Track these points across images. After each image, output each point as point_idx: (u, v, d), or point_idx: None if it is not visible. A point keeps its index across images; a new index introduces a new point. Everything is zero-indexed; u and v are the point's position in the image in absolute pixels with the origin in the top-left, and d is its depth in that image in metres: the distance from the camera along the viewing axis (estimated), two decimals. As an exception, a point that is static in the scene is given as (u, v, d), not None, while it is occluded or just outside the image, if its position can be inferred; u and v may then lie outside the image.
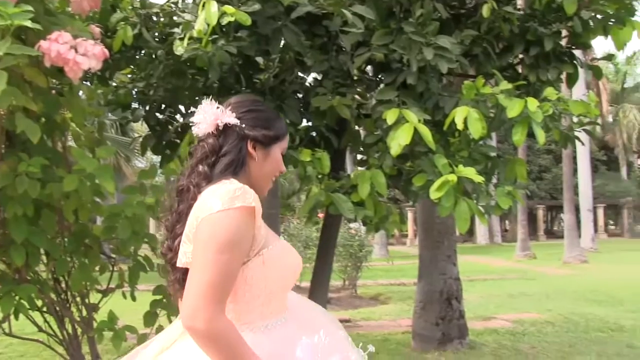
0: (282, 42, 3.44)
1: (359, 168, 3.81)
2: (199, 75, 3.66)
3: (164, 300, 3.59)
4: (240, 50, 3.11)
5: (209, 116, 1.59)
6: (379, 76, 3.66)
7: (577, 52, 4.17)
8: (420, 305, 6.62)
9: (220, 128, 1.58)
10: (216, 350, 1.41)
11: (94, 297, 3.60)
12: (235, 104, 1.63)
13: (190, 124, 1.66)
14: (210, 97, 1.64)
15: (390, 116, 2.88)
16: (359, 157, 4.05)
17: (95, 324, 3.47)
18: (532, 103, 3.01)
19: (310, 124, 3.88)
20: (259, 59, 3.92)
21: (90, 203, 3.13)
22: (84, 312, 3.50)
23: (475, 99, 3.09)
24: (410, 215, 25.09)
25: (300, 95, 3.96)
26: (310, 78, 4.20)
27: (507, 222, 38.57)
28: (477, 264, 18.11)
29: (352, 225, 11.54)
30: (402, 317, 8.40)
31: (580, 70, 4.13)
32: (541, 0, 3.73)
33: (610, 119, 40.59)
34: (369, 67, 3.94)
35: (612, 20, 3.80)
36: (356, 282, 11.90)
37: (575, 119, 3.71)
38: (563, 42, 3.88)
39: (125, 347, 3.83)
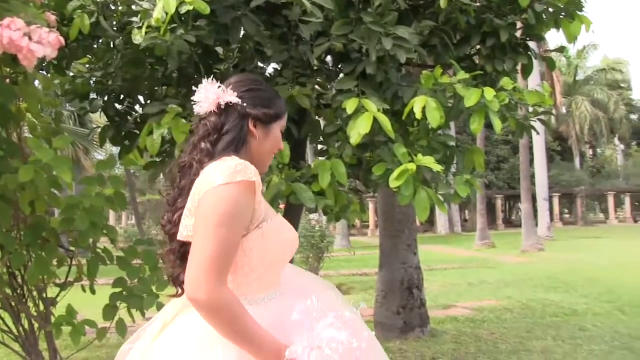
0: (242, 31, 3.42)
1: (320, 158, 3.83)
2: (157, 64, 3.61)
3: (124, 293, 3.56)
4: (199, 40, 3.08)
5: (210, 95, 1.64)
6: (339, 66, 3.67)
7: (532, 45, 4.28)
8: (382, 294, 6.71)
9: (222, 107, 1.63)
10: (219, 321, 1.45)
11: (51, 291, 3.53)
12: (235, 83, 1.68)
13: (150, 114, 1.68)
14: (166, 87, 1.66)
15: (350, 105, 2.90)
16: (319, 147, 4.06)
17: (53, 319, 3.42)
18: (489, 92, 3.07)
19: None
20: (219, 49, 3.89)
21: (47, 194, 3.07)
22: (41, 307, 3.44)
23: (434, 88, 3.13)
24: (371, 205, 25.32)
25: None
26: (270, 69, 4.19)
27: (466, 211, 39.30)
28: (437, 253, 18.43)
29: (312, 216, 11.58)
30: (364, 307, 8.45)
31: (535, 62, 4.24)
32: (497, -9, 3.82)
33: (563, 110, 41.71)
34: (328, 57, 3.96)
35: (563, 13, 3.92)
36: (318, 272, 11.95)
37: (530, 109, 3.81)
38: (518, 34, 3.97)
39: (84, 342, 3.79)
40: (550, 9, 3.85)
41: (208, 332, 1.49)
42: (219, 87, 1.65)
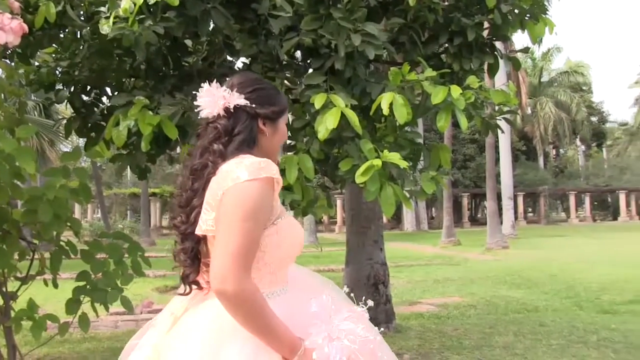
0: (212, 25, 3.40)
1: (289, 153, 3.84)
2: (126, 56, 3.58)
3: (88, 286, 3.51)
4: (167, 32, 3.06)
5: (216, 99, 1.66)
6: (308, 61, 3.69)
7: (499, 46, 4.37)
8: (348, 290, 6.64)
9: (231, 110, 1.66)
10: (244, 312, 1.49)
11: (12, 285, 3.46)
12: (239, 85, 1.69)
13: (117, 106, 1.67)
14: (134, 79, 1.65)
15: (318, 101, 2.92)
16: (287, 142, 4.07)
17: (12, 314, 3.35)
18: (455, 90, 3.12)
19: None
20: (188, 42, 3.87)
21: (9, 186, 3.01)
22: (1, 301, 3.37)
23: (401, 85, 3.17)
24: (339, 202, 25.39)
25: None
26: (239, 63, 4.18)
27: (433, 209, 39.76)
28: (404, 250, 18.60)
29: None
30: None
31: (502, 63, 4.32)
32: (464, -8, 3.88)
33: (529, 111, 42.48)
34: (298, 53, 3.97)
35: (528, 15, 4.02)
36: (286, 269, 11.97)
37: (496, 108, 3.88)
38: (485, 34, 4.05)
39: (46, 337, 3.72)
40: (516, 11, 3.94)
41: (225, 325, 1.53)
42: (225, 90, 1.67)
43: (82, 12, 3.46)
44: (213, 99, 1.67)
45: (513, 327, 6.56)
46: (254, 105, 1.68)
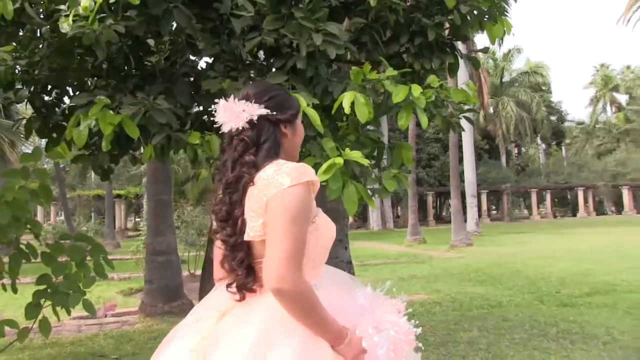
0: (174, 24, 3.39)
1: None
2: (87, 55, 3.53)
3: (49, 290, 3.46)
4: (129, 31, 3.04)
5: (237, 113, 1.74)
6: (270, 61, 3.70)
7: (461, 46, 4.45)
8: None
9: (255, 121, 1.74)
10: (300, 308, 1.60)
11: (-31, 290, 3.40)
12: (255, 95, 1.76)
13: (78, 105, 1.65)
14: (96, 79, 1.64)
15: (281, 100, 2.92)
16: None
17: (-30, 319, 3.28)
18: (416, 89, 3.17)
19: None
20: (151, 41, 3.84)
21: (-36, 187, 2.94)
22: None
23: (363, 84, 3.21)
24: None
25: (192, 79, 3.92)
26: (203, 63, 4.16)
27: (399, 208, 40.14)
28: (370, 249, 18.73)
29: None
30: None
31: (465, 63, 4.41)
32: (425, -7, 3.95)
33: (491, 110, 43.25)
34: (261, 52, 3.97)
35: (487, 16, 4.11)
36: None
37: (463, 107, 3.95)
38: (446, 34, 4.12)
39: (4, 343, 3.65)
40: (475, 12, 4.03)
41: (275, 317, 1.62)
42: (243, 102, 1.74)
43: (41, 10, 3.40)
44: (234, 113, 1.74)
45: (477, 322, 6.69)
46: (274, 113, 1.76)
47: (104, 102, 3.01)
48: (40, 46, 3.51)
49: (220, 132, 1.79)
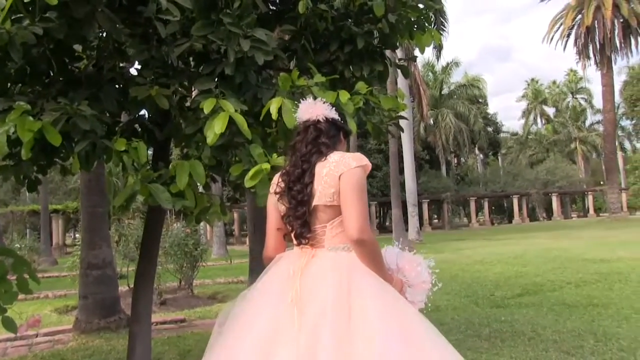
0: (103, 29, 3.30)
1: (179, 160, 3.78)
2: (7, 59, 3.39)
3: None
4: (50, 34, 2.93)
5: (319, 109, 2.44)
6: (200, 68, 3.67)
7: (401, 54, 4.52)
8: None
9: (330, 120, 2.43)
10: (373, 253, 2.22)
11: None
12: (329, 105, 2.49)
13: None
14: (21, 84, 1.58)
15: (207, 106, 2.90)
16: (185, 150, 4.01)
17: None
18: (344, 95, 3.21)
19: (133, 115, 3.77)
20: (77, 46, 3.72)
21: None
22: None
23: (291, 90, 3.22)
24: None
25: (121, 85, 3.83)
26: (134, 70, 4.07)
27: (342, 219, 40.28)
28: (313, 259, 18.68)
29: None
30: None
31: (396, 72, 4.49)
32: (354, 1, 4.01)
33: (431, 122, 44.26)
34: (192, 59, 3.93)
35: (416, 26, 4.21)
36: (192, 281, 11.69)
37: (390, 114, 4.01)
38: (376, 43, 4.19)
39: None
40: (404, 21, 4.11)
41: (350, 262, 2.19)
42: (326, 105, 2.46)
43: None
44: (315, 109, 2.43)
45: (415, 327, 6.78)
46: (341, 121, 2.51)
47: (23, 108, 2.90)
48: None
49: (150, 139, 1.82)
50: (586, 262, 12.46)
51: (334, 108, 2.48)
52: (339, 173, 2.21)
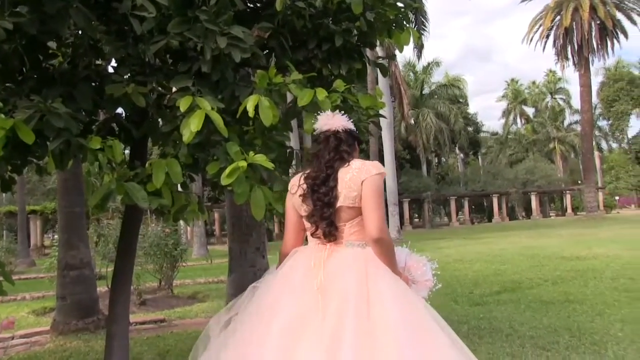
0: (77, 25, 3.25)
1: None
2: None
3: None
4: (22, 29, 2.88)
5: (337, 121, 2.70)
6: (177, 66, 3.64)
7: (382, 53, 4.53)
8: (232, 298, 6.67)
9: (347, 130, 2.70)
10: (389, 251, 2.53)
11: None
12: (345, 117, 2.75)
13: None
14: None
15: (183, 104, 2.87)
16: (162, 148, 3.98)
17: None
18: (321, 93, 3.20)
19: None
20: (52, 43, 3.67)
21: None
22: None
23: (269, 88, 3.20)
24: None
25: (97, 83, 3.78)
26: (111, 68, 4.02)
27: (323, 218, 40.30)
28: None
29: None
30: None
31: (382, 73, 4.49)
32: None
33: (412, 121, 44.45)
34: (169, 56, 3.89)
35: (394, 25, 4.21)
36: (173, 281, 11.61)
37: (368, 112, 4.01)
38: (354, 41, 4.19)
39: None
40: (383, 19, 4.12)
41: (367, 257, 2.49)
42: (344, 117, 2.73)
43: None
44: (334, 121, 2.69)
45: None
46: (357, 132, 2.81)
47: (-6, 106, 2.85)
48: None
49: (127, 138, 1.81)
50: (563, 260, 12.66)
51: (350, 120, 2.75)
52: (362, 179, 2.50)
